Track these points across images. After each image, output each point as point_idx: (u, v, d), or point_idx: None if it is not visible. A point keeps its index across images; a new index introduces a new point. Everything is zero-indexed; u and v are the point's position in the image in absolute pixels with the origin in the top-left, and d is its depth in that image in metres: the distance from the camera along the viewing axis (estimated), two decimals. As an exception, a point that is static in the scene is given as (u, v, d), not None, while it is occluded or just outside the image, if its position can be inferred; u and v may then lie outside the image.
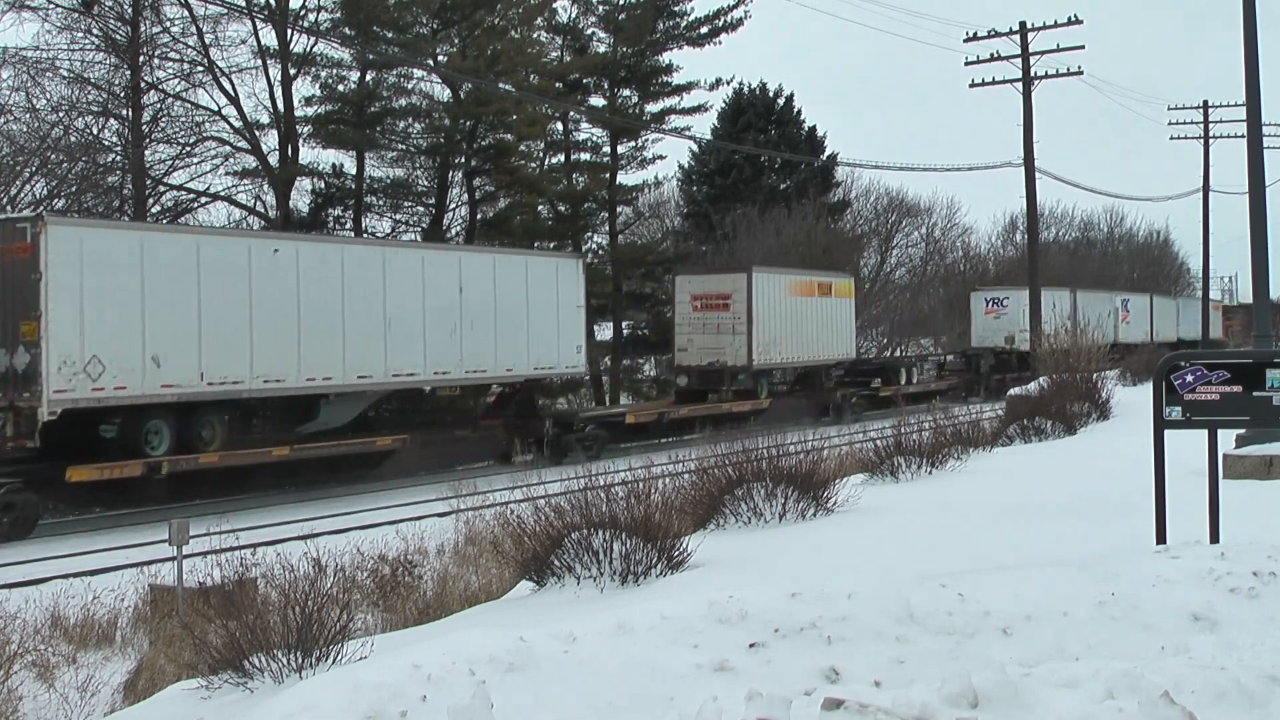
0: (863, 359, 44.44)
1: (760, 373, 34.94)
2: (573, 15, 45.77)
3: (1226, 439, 11.01)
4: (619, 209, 47.73)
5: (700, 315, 34.46)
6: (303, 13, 34.85)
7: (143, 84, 32.38)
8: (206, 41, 33.08)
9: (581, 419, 29.56)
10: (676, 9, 46.89)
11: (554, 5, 43.44)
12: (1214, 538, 7.52)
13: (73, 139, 31.36)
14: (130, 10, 31.97)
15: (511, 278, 26.96)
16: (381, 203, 39.08)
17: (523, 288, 27.12)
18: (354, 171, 37.38)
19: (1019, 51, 37.84)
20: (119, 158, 32.96)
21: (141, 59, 32.22)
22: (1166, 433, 7.62)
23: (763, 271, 35.68)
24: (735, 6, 46.29)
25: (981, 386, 45.22)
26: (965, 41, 38.43)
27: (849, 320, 39.44)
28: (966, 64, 38.43)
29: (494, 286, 26.38)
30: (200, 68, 33.57)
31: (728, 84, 49.95)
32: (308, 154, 36.96)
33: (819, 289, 37.56)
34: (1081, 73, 38.33)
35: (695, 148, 52.33)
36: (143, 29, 32.15)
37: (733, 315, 33.96)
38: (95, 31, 32.18)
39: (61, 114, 31.37)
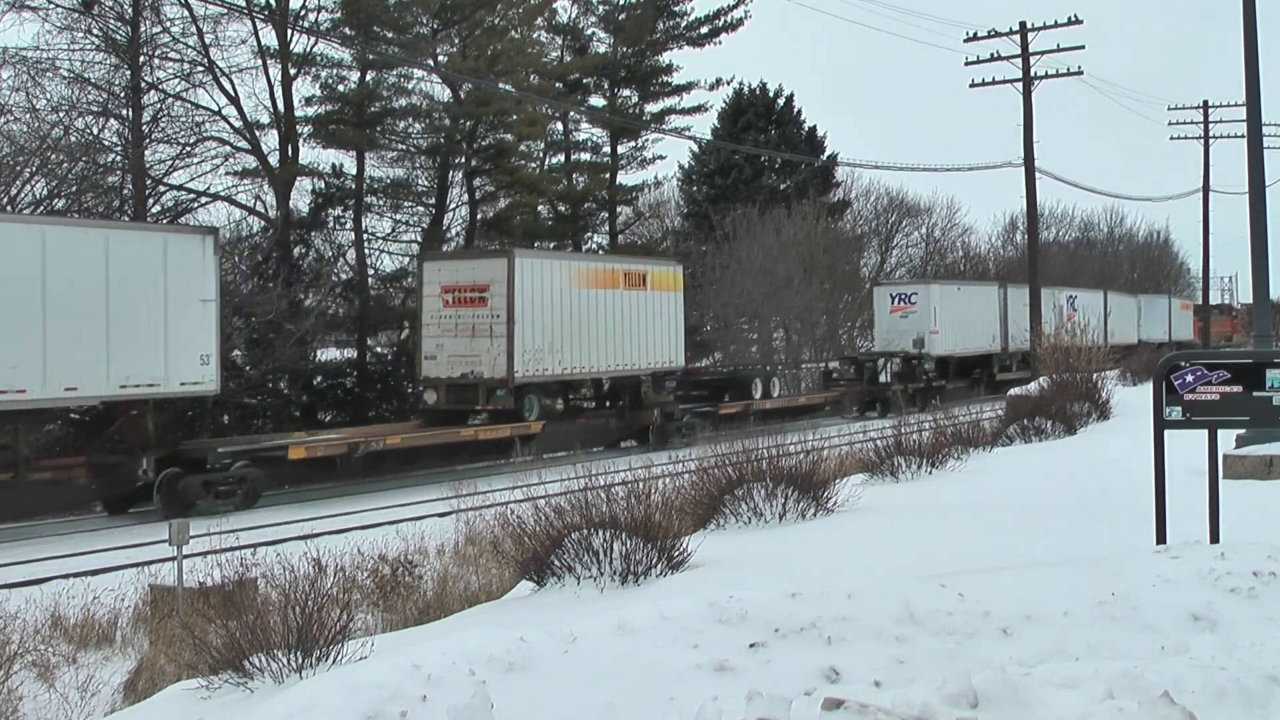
0: (701, 368, 37.72)
1: (527, 387, 26.74)
2: (573, 15, 45.97)
3: (1226, 439, 11.01)
4: (619, 209, 47.78)
5: (452, 312, 26.76)
6: (303, 13, 34.86)
7: (143, 84, 32.35)
8: (206, 41, 33.08)
9: (221, 454, 21.52)
10: (676, 9, 47.03)
11: (554, 5, 43.59)
12: (1214, 538, 7.53)
13: (73, 139, 31.29)
14: (130, 10, 31.94)
15: (77, 260, 19.61)
16: (381, 203, 39.05)
17: (100, 274, 19.87)
18: (354, 171, 37.34)
19: (1019, 51, 37.87)
20: (119, 158, 32.91)
21: (141, 59, 32.19)
22: (1166, 433, 7.63)
23: (531, 256, 28.25)
24: (735, 6, 46.45)
25: (879, 400, 37.42)
26: (965, 41, 38.48)
27: (675, 319, 31.00)
28: (967, 64, 38.48)
29: (41, 271, 19.15)
30: (200, 68, 33.55)
31: (728, 84, 50.22)
32: (308, 154, 36.96)
33: (626, 280, 29.46)
34: (1081, 73, 38.38)
35: (695, 148, 52.53)
36: (143, 29, 32.12)
37: (490, 312, 26.26)
38: (95, 31, 32.15)
39: (61, 114, 31.32)
